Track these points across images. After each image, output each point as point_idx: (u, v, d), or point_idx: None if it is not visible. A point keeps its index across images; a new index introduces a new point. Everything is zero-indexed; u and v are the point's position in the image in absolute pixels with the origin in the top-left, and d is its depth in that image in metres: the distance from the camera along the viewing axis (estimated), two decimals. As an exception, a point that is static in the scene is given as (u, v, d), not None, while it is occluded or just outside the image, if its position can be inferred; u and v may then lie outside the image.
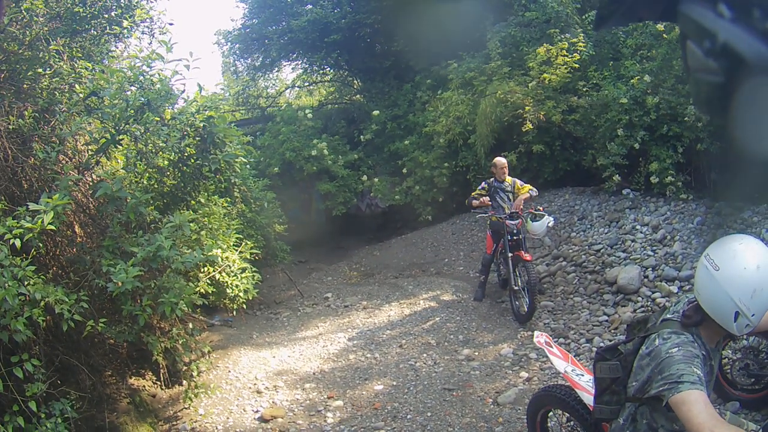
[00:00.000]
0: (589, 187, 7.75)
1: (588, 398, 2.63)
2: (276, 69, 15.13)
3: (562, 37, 8.24)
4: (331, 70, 14.43)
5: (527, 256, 5.78)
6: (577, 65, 7.92)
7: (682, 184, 6.48)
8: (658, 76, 6.87)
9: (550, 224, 6.06)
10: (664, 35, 6.94)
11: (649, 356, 1.98)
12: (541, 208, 6.20)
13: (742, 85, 0.83)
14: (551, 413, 3.18)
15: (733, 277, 1.80)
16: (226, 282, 4.75)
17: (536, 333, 3.32)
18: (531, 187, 6.22)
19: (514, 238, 5.95)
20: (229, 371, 5.41)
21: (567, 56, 7.94)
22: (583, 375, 2.85)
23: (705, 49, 0.86)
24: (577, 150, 7.99)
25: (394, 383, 4.95)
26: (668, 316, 2.08)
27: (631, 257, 6.03)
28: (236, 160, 4.56)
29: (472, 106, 8.77)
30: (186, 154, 4.48)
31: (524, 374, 4.87)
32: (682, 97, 6.53)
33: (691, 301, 2.05)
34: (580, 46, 7.97)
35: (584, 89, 7.75)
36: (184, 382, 4.54)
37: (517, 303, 5.95)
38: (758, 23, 0.79)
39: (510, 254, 5.96)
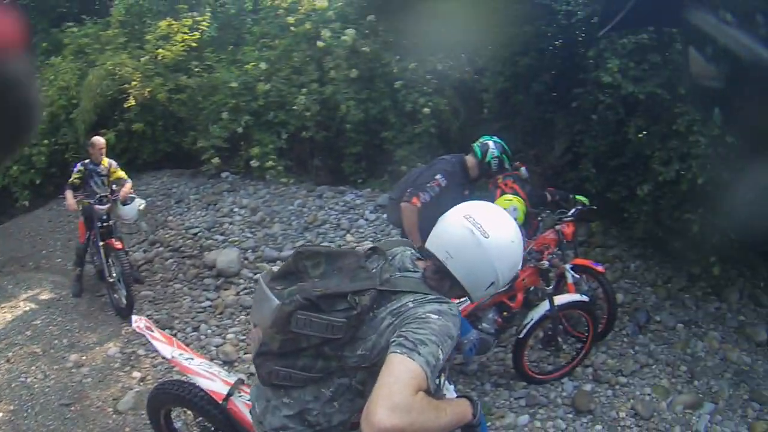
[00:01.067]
0: (188, 169, 7.54)
1: (208, 383, 2.32)
2: None
3: (190, 14, 7.86)
4: None
5: (118, 244, 5.20)
6: (195, 44, 7.64)
7: (283, 169, 6.82)
8: (274, 65, 7.07)
9: (141, 207, 5.58)
10: (292, 28, 7.22)
11: (396, 320, 1.57)
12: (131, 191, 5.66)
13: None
14: (174, 413, 2.78)
15: (501, 248, 1.66)
16: None
17: (134, 318, 2.80)
18: (125, 177, 5.65)
19: (105, 224, 5.29)
20: None
21: (188, 34, 7.59)
22: (192, 359, 2.52)
23: (707, 55, 0.84)
24: (179, 131, 7.69)
25: (12, 407, 4.06)
26: (409, 274, 1.72)
27: (229, 240, 6.03)
28: None
29: (80, 76, 7.67)
30: None
31: (137, 374, 4.42)
32: (294, 87, 6.88)
33: (417, 258, 1.79)
34: (204, 26, 7.72)
35: (196, 70, 7.52)
36: None
37: (115, 296, 5.31)
38: (761, 29, 0.75)
39: (101, 242, 5.29)
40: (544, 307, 3.94)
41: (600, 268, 4.42)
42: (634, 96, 4.73)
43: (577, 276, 4.39)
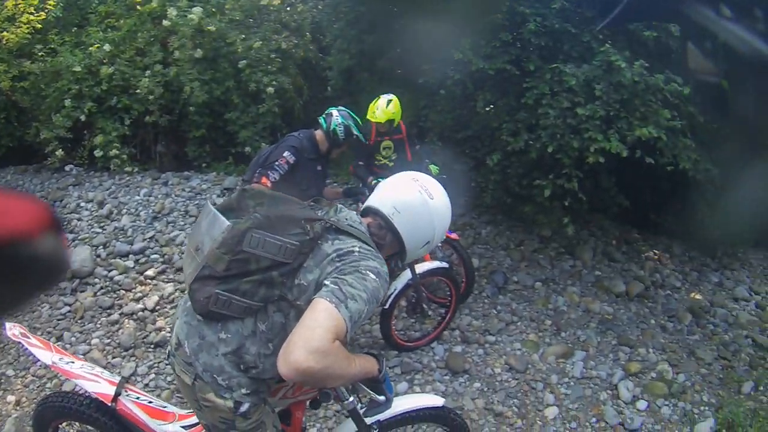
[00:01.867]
0: (32, 165, 6.90)
1: (93, 386, 2.23)
2: None
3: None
4: None
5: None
6: (40, 26, 6.81)
7: (127, 157, 6.47)
8: (119, 47, 6.59)
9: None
10: (138, 7, 6.69)
11: (338, 259, 1.61)
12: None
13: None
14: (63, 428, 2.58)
15: (441, 210, 1.86)
16: None
17: (7, 325, 2.53)
18: None
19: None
20: None
21: (33, 14, 6.74)
22: (73, 362, 2.36)
23: (705, 51, 0.83)
24: (22, 123, 6.97)
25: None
26: (356, 224, 1.75)
27: (79, 237, 5.64)
28: None
29: None
30: None
31: (11, 398, 4.01)
32: (138, 69, 6.46)
33: (365, 214, 1.90)
34: (50, 5, 6.88)
35: (40, 54, 6.76)
36: None
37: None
38: (760, 24, 0.75)
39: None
40: (406, 276, 4.11)
41: (453, 236, 4.67)
42: (483, 71, 4.78)
43: None
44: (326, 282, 1.54)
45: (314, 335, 1.39)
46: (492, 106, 5.28)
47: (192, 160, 6.80)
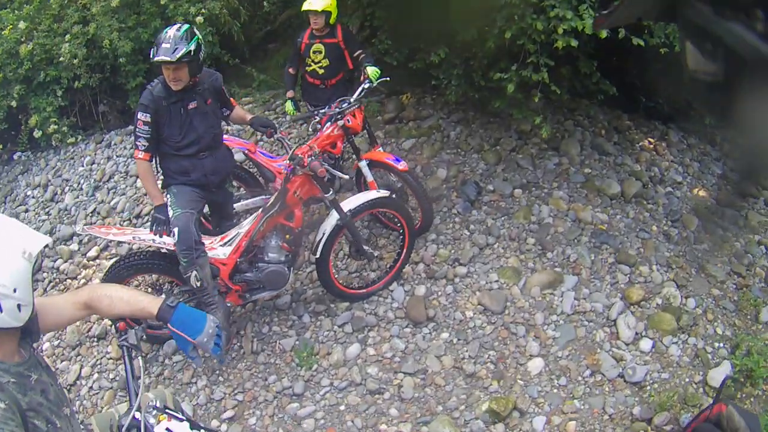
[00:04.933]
0: None
1: None
2: None
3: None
4: None
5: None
6: None
7: (68, 129, 5.96)
8: (33, 20, 5.93)
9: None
10: None
11: None
12: None
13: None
14: None
15: None
16: None
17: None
18: None
19: None
20: None
21: None
22: None
23: (704, 50, 0.81)
24: None
25: None
26: None
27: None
28: None
29: None
30: None
31: None
32: (58, 36, 5.80)
33: None
34: None
35: None
36: None
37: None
38: (759, 24, 0.73)
39: None
40: (334, 217, 3.50)
41: (400, 166, 3.92)
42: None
43: (372, 173, 3.99)
44: None
45: None
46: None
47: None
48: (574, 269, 3.77)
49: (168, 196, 3.32)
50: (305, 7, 4.30)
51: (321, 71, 4.53)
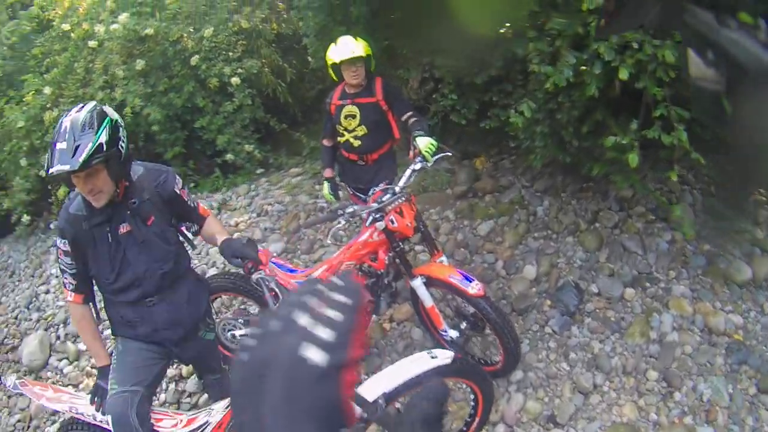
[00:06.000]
0: (12, 234, 6.15)
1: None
2: None
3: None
4: None
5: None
6: None
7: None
8: (60, 85, 5.69)
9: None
10: (72, 35, 5.79)
11: None
12: None
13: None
14: None
15: None
16: None
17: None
18: None
19: None
20: None
21: None
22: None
23: (706, 59, 0.74)
24: None
25: None
26: None
27: (43, 317, 4.70)
28: None
29: None
30: None
31: None
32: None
33: None
34: None
35: None
36: None
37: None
38: (761, 33, 0.67)
39: None
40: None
41: (471, 290, 2.69)
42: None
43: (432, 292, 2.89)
44: None
45: None
46: (508, 24, 3.16)
47: (178, 183, 5.63)
48: (709, 415, 2.55)
49: (113, 354, 2.36)
50: (339, 57, 3.16)
51: (357, 143, 3.40)
